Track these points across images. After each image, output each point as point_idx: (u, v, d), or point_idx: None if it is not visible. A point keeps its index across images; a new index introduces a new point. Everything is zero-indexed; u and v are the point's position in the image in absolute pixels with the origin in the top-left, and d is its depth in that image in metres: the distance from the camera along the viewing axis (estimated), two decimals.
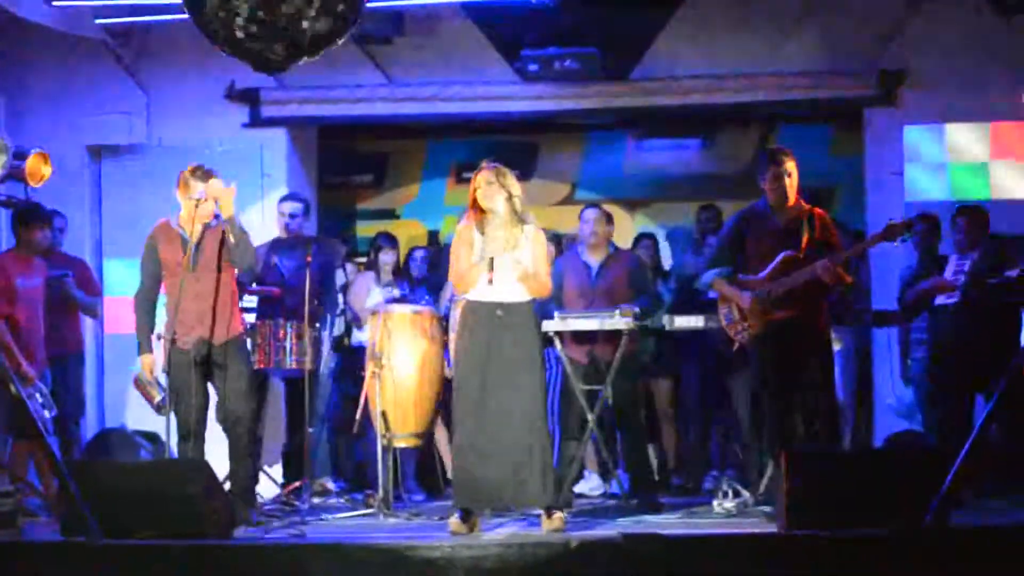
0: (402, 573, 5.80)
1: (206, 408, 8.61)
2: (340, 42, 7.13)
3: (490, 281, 7.99)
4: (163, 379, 8.59)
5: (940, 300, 9.54)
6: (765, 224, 8.62)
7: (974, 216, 9.72)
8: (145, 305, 8.68)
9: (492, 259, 7.98)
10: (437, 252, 11.68)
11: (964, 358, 9.28)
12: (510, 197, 8.06)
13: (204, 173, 8.57)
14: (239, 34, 6.79)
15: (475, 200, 8.11)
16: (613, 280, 9.60)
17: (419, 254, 11.31)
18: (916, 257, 10.15)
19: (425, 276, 11.14)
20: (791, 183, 8.55)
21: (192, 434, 8.46)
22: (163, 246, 8.61)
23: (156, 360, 8.63)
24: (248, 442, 8.71)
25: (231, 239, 8.49)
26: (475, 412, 7.93)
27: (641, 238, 11.38)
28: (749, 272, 8.61)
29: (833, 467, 7.06)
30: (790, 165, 8.56)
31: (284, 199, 10.65)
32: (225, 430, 8.60)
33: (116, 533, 6.44)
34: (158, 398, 8.51)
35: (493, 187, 8.04)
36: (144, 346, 8.61)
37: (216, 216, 8.57)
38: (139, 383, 8.73)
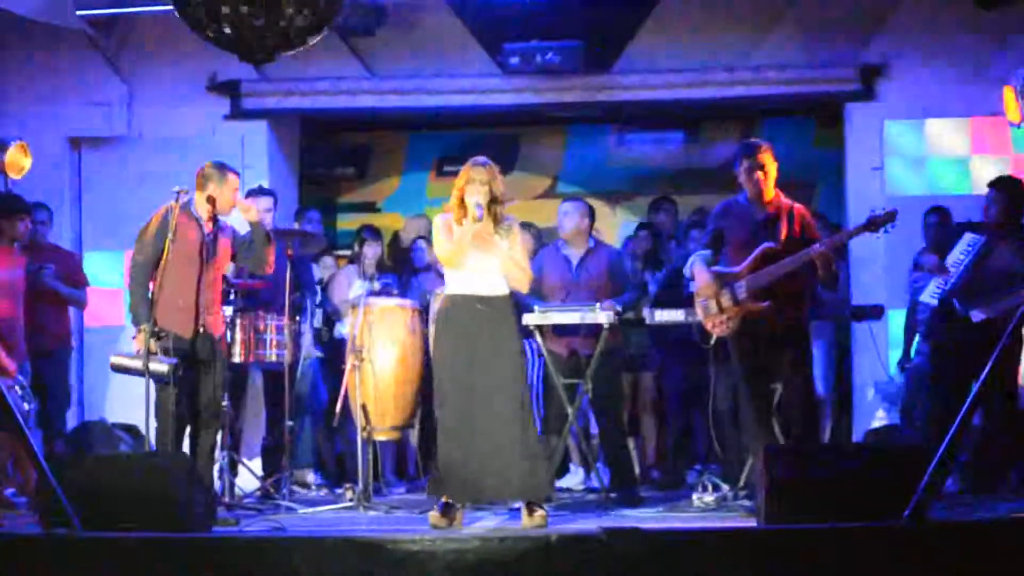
0: (382, 566, 5.78)
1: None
2: (324, 33, 7.13)
3: (479, 218, 7.94)
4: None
5: (924, 298, 9.51)
6: (744, 217, 8.61)
7: (1011, 191, 9.42)
8: (145, 276, 8.55)
9: (478, 204, 7.97)
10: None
11: (961, 357, 9.17)
12: (495, 200, 8.06)
13: (226, 170, 8.69)
14: (224, 25, 6.78)
15: (460, 193, 8.10)
16: (594, 274, 9.61)
17: (423, 243, 11.34)
18: (926, 249, 10.11)
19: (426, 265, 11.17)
20: (765, 176, 8.52)
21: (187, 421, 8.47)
22: (184, 229, 8.52)
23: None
24: (217, 441, 8.74)
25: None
26: (457, 406, 7.93)
27: (640, 228, 11.39)
28: (728, 264, 8.60)
29: (813, 462, 7.07)
30: (764, 158, 8.53)
31: (252, 195, 10.59)
32: (199, 424, 8.58)
33: (96, 526, 6.42)
34: (166, 368, 8.22)
35: (484, 188, 8.03)
36: (143, 316, 8.40)
37: (218, 221, 8.65)
38: (123, 364, 8.55)
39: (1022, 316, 6.31)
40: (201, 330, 8.51)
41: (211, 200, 8.58)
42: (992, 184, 9.49)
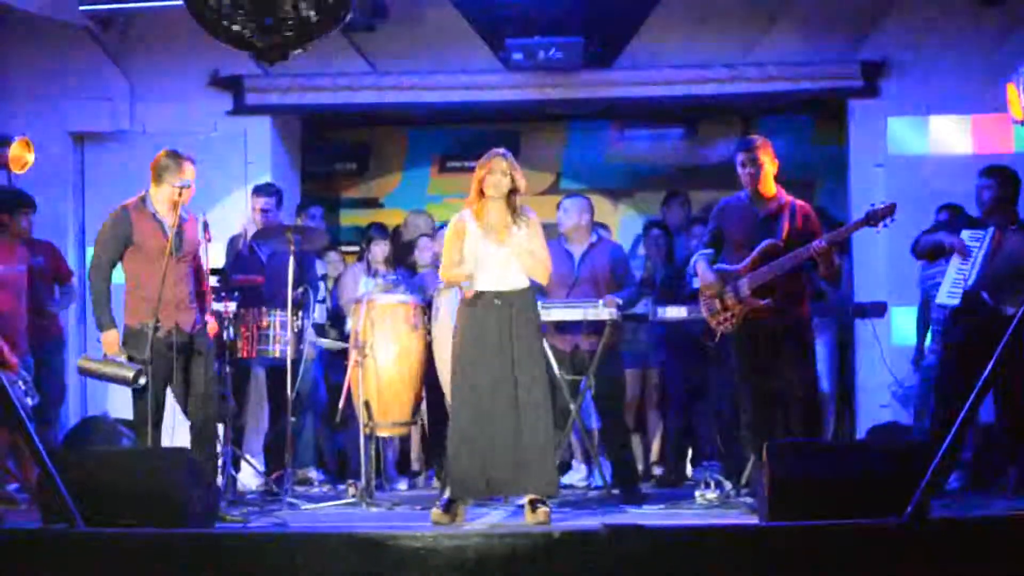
0: (384, 563, 5.78)
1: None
2: (335, 30, 7.13)
3: (467, 296, 8.02)
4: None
5: (942, 300, 9.23)
6: (745, 214, 8.60)
7: (1003, 178, 9.32)
8: (105, 281, 8.54)
9: (472, 276, 8.02)
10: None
11: (981, 357, 8.91)
12: (514, 191, 8.05)
13: (181, 158, 8.57)
14: (235, 24, 6.78)
15: (480, 185, 8.09)
16: (597, 268, 9.61)
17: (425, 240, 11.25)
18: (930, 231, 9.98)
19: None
20: (762, 172, 8.50)
21: (160, 421, 8.45)
22: (139, 227, 8.50)
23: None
24: (213, 433, 8.73)
25: None
26: (473, 403, 7.90)
27: (652, 227, 11.31)
28: (729, 261, 8.60)
29: (815, 459, 7.07)
30: (758, 153, 8.52)
31: (256, 193, 10.60)
32: (195, 420, 8.58)
33: (97, 521, 6.42)
34: (131, 373, 8.28)
35: (506, 179, 8.03)
36: (107, 322, 8.46)
37: (188, 212, 8.60)
38: (89, 368, 8.52)
39: None
40: (176, 327, 8.49)
41: (180, 192, 8.46)
42: (984, 172, 9.45)
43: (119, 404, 11.10)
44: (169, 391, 8.51)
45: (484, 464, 7.86)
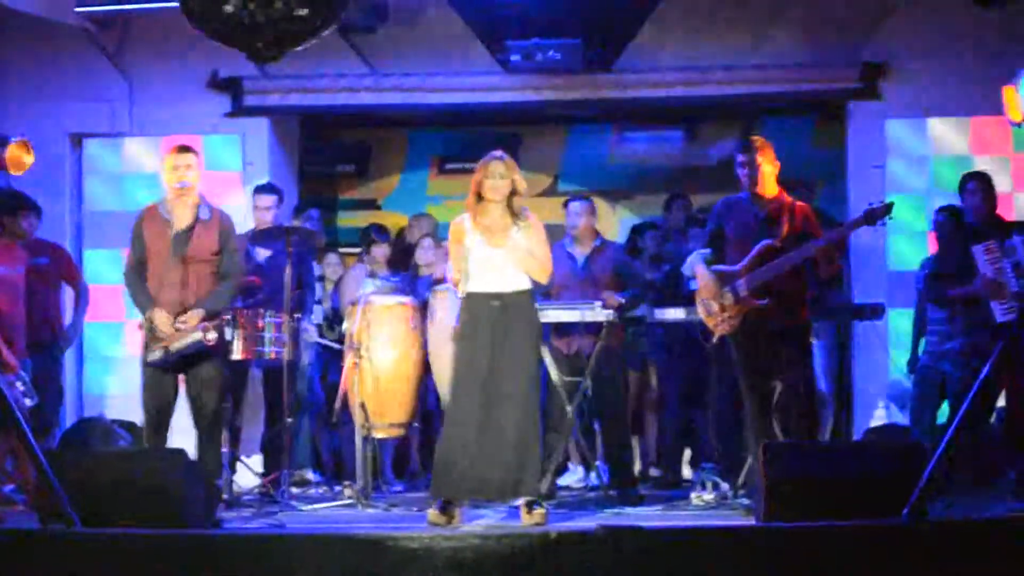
0: (381, 564, 5.79)
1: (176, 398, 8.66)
2: (328, 31, 7.12)
3: (461, 294, 8.06)
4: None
5: (1000, 317, 8.89)
6: (744, 214, 8.59)
7: (989, 184, 9.48)
8: (138, 278, 8.65)
9: (465, 279, 8.05)
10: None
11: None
12: (515, 193, 8.04)
13: (170, 152, 8.70)
14: (228, 23, 6.78)
15: (478, 188, 8.08)
16: (600, 271, 9.60)
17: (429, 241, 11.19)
18: (937, 251, 9.95)
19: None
20: (758, 173, 8.49)
21: (165, 425, 8.50)
22: (149, 229, 8.62)
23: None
24: (217, 433, 8.73)
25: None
26: (468, 404, 7.89)
27: (647, 228, 11.30)
28: (729, 262, 8.59)
29: (812, 460, 7.07)
30: (758, 154, 8.51)
31: (258, 192, 10.60)
32: (197, 420, 8.62)
33: (95, 522, 6.43)
34: (213, 334, 8.44)
35: (505, 182, 8.02)
36: (148, 305, 8.52)
37: (207, 206, 8.64)
38: (159, 360, 8.55)
39: None
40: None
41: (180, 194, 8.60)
42: (974, 178, 9.51)
43: (115, 405, 11.13)
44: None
45: (469, 464, 7.86)
